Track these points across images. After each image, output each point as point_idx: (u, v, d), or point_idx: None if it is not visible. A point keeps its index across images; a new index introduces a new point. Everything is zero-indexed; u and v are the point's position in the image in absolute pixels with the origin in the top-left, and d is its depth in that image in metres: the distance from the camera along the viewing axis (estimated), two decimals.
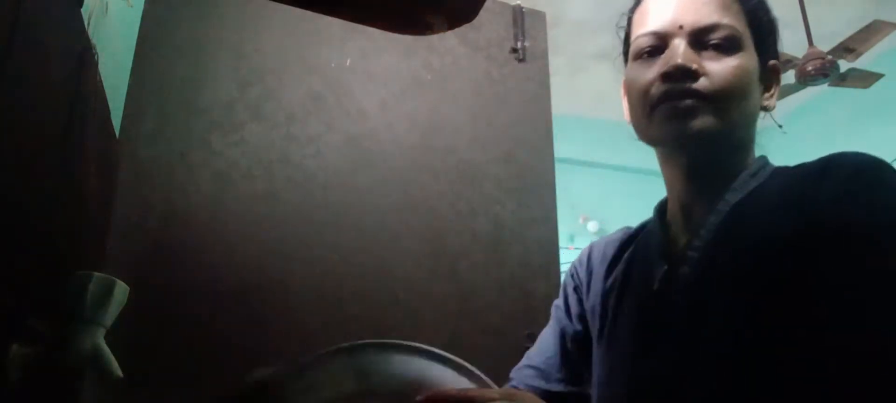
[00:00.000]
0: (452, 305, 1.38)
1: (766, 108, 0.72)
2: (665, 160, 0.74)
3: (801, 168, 0.64)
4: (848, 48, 3.09)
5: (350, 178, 1.38)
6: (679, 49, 0.67)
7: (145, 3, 1.32)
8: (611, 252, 0.80)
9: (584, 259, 0.85)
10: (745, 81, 0.67)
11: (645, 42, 0.70)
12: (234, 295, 1.22)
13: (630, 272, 0.75)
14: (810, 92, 3.60)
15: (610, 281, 0.77)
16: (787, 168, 0.68)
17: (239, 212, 1.27)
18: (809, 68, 3.12)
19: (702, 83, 0.65)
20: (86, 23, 0.83)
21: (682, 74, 0.65)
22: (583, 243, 3.57)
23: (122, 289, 0.71)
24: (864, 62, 3.31)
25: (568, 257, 1.15)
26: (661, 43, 0.69)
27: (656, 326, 0.67)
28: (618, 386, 0.69)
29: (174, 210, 1.23)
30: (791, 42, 3.29)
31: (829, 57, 3.13)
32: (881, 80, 3.33)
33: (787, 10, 3.34)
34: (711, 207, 0.68)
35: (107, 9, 0.98)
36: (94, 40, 0.88)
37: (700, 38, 0.68)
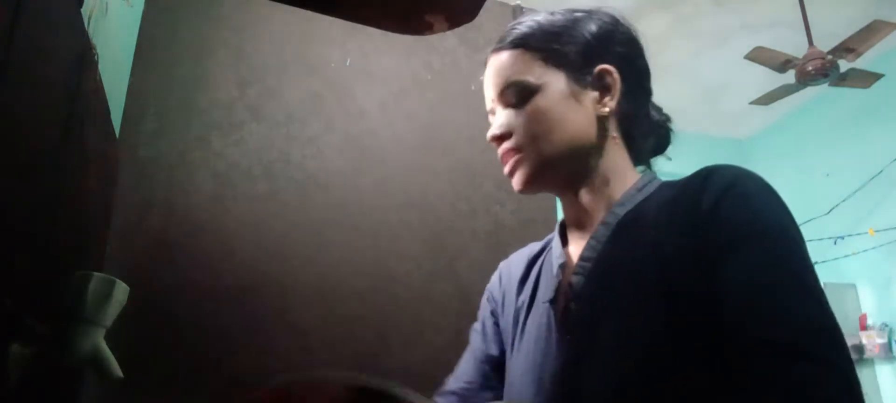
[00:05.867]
0: (452, 305, 1.38)
1: (602, 114, 0.76)
2: None
3: (685, 180, 0.69)
4: (848, 48, 3.09)
5: (350, 178, 1.38)
6: (495, 120, 0.78)
7: (145, 3, 1.32)
8: (519, 270, 0.86)
9: (497, 280, 0.91)
10: (546, 118, 0.74)
11: (491, 119, 0.81)
12: (234, 294, 1.22)
13: (538, 286, 0.80)
14: (810, 92, 3.60)
15: (521, 297, 0.82)
16: (672, 181, 0.73)
17: (239, 212, 1.27)
18: (809, 68, 3.12)
19: (512, 140, 0.75)
20: (86, 23, 0.83)
21: (498, 141, 0.77)
22: None
23: (122, 289, 0.71)
24: (864, 62, 3.31)
25: None
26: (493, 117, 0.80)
27: (557, 332, 0.72)
28: (524, 388, 0.74)
29: (174, 210, 1.23)
30: (791, 42, 3.29)
31: (829, 57, 3.13)
32: (881, 80, 3.33)
33: (787, 10, 3.34)
34: (600, 220, 0.74)
35: (107, 9, 0.98)
36: (94, 40, 0.88)
37: (505, 101, 0.77)
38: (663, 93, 0.86)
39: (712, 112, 4.57)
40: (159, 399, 1.11)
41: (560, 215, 0.84)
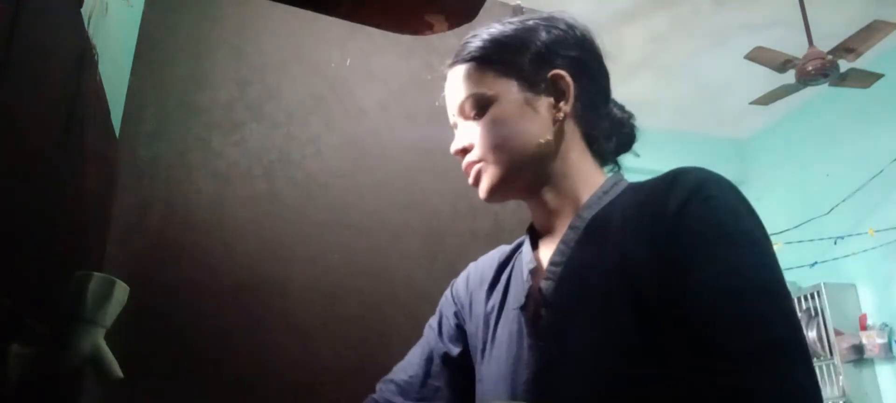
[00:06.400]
0: None
1: (558, 118, 0.76)
2: None
3: (651, 182, 0.69)
4: (848, 48, 3.09)
5: (350, 178, 1.38)
6: (456, 134, 0.81)
7: (145, 3, 1.32)
8: (489, 274, 0.86)
9: (463, 283, 0.91)
10: (502, 128, 0.76)
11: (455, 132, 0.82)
12: (234, 294, 1.22)
13: (508, 291, 0.80)
14: (810, 92, 3.60)
15: (491, 302, 0.82)
16: (639, 183, 0.73)
17: (239, 212, 1.27)
18: (809, 68, 3.12)
19: (474, 153, 0.78)
20: (86, 23, 0.83)
21: (461, 154, 0.80)
22: None
23: (122, 289, 0.71)
24: (864, 62, 3.31)
25: None
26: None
27: (528, 339, 0.71)
28: (497, 396, 0.74)
29: (174, 210, 1.23)
30: (791, 42, 3.29)
31: (829, 57, 3.13)
32: (881, 80, 3.33)
33: (787, 10, 3.34)
34: (568, 223, 0.74)
35: (107, 9, 0.98)
36: (94, 40, 0.88)
37: (465, 114, 0.80)
38: (664, 93, 0.86)
39: (712, 112, 4.57)
40: (159, 399, 1.11)
41: None
